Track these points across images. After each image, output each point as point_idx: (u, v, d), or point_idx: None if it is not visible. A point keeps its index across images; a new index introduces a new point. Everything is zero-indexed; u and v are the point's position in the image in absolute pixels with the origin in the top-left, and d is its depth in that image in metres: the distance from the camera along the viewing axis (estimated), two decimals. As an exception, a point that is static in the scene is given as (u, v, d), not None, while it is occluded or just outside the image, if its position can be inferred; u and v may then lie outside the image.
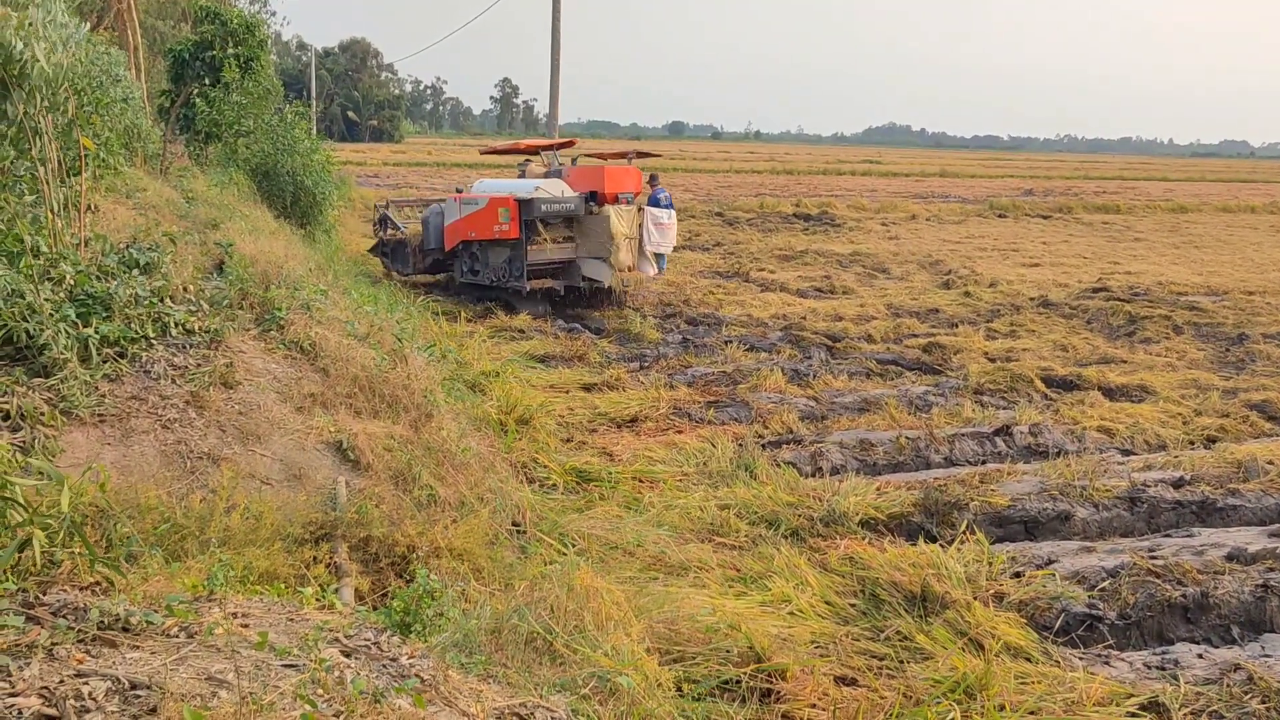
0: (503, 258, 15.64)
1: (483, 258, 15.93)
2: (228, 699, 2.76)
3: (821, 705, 4.84)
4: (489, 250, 15.78)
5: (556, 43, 21.45)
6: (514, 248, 15.44)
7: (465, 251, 16.24)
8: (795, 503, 7.62)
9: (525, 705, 3.35)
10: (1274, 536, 7.36)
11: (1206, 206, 45.26)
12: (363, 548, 5.33)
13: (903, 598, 6.12)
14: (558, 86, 21.67)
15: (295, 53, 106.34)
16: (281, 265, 8.56)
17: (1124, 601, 6.18)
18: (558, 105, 21.94)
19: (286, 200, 16.26)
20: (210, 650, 3.07)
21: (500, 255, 15.66)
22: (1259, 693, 5.12)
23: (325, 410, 6.42)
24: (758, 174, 62.78)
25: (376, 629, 3.57)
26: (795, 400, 10.91)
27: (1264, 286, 20.78)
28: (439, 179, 47.47)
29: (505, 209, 15.19)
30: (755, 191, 44.39)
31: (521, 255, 15.33)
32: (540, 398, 10.18)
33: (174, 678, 2.85)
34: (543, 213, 15.31)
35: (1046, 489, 8.16)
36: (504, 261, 15.64)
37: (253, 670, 2.94)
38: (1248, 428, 10.73)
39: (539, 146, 18.55)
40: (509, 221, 15.14)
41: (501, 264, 15.69)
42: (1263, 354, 14.41)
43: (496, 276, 15.75)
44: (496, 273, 15.74)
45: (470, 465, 6.85)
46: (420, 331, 10.66)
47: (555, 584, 4.87)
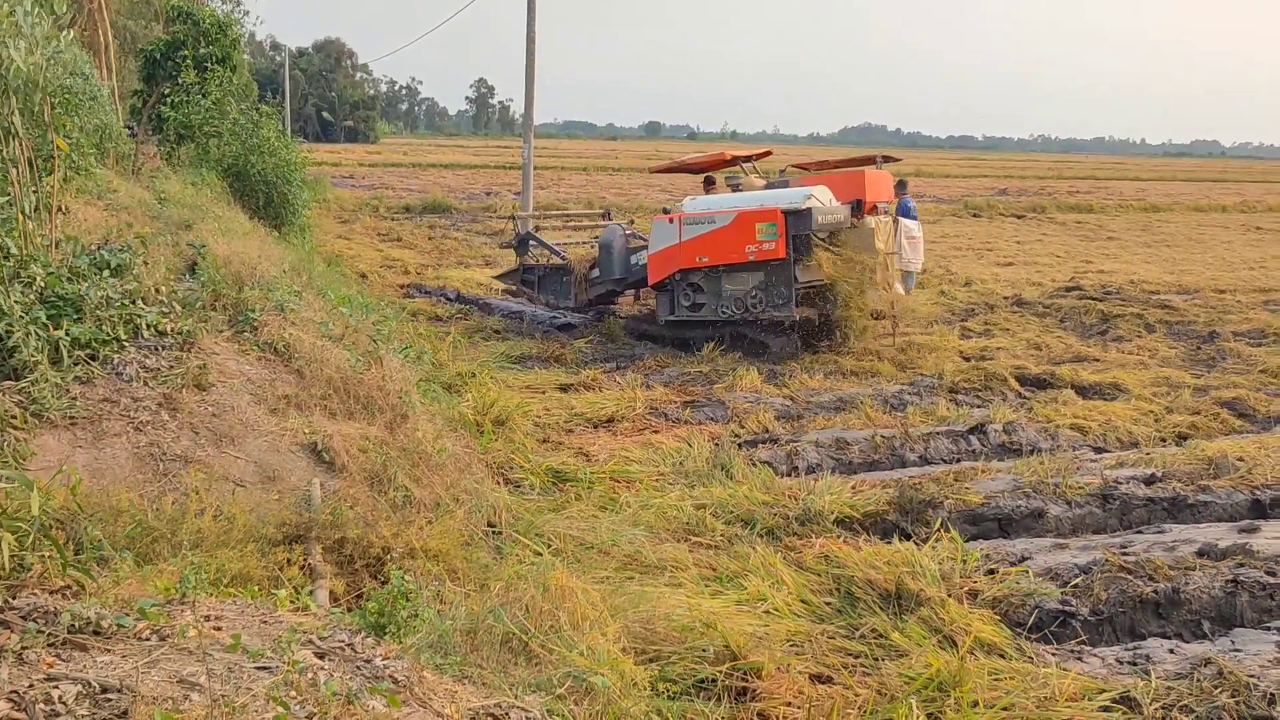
0: (750, 284, 12.93)
1: (711, 288, 13.21)
2: (199, 701, 2.74)
3: (797, 703, 4.86)
4: (725, 277, 13.10)
5: (531, 43, 21.43)
6: (772, 271, 12.77)
7: (682, 282, 13.40)
8: (771, 502, 7.64)
9: (500, 705, 3.34)
10: (1244, 532, 7.43)
11: (1178, 206, 45.68)
12: (337, 549, 5.31)
13: (878, 595, 6.14)
14: (533, 87, 21.64)
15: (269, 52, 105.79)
16: (255, 266, 8.51)
17: (1096, 598, 6.23)
18: (533, 106, 21.91)
19: (259, 201, 16.13)
20: (182, 653, 3.05)
21: (745, 281, 12.97)
22: (1229, 686, 5.17)
23: (300, 412, 6.39)
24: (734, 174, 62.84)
25: (351, 630, 3.56)
26: (771, 399, 10.93)
27: (1234, 285, 20.99)
28: (415, 180, 47.36)
29: (769, 224, 12.62)
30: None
31: (789, 279, 12.67)
32: (516, 398, 10.17)
33: (145, 681, 2.84)
34: (819, 225, 12.69)
35: (1020, 487, 8.22)
36: (755, 288, 12.90)
37: (225, 673, 2.93)
38: (1218, 425, 10.84)
39: (738, 157, 16.07)
40: (775, 239, 12.54)
41: (750, 292, 12.94)
42: (1233, 352, 14.55)
43: (738, 308, 13.02)
44: (739, 304, 13.01)
45: (446, 466, 6.83)
46: (396, 332, 10.62)
47: (531, 584, 4.87)
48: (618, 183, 50.29)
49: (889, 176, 14.40)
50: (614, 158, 76.76)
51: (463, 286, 18.44)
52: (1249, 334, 15.84)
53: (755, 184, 14.75)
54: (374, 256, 21.62)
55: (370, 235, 25.93)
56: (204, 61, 18.15)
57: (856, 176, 13.86)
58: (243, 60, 21.86)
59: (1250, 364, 13.79)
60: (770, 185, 14.38)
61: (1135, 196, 50.19)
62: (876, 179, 13.96)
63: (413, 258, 21.98)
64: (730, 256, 12.94)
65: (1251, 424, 11.04)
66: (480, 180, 48.83)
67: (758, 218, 12.72)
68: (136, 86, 20.19)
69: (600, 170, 60.76)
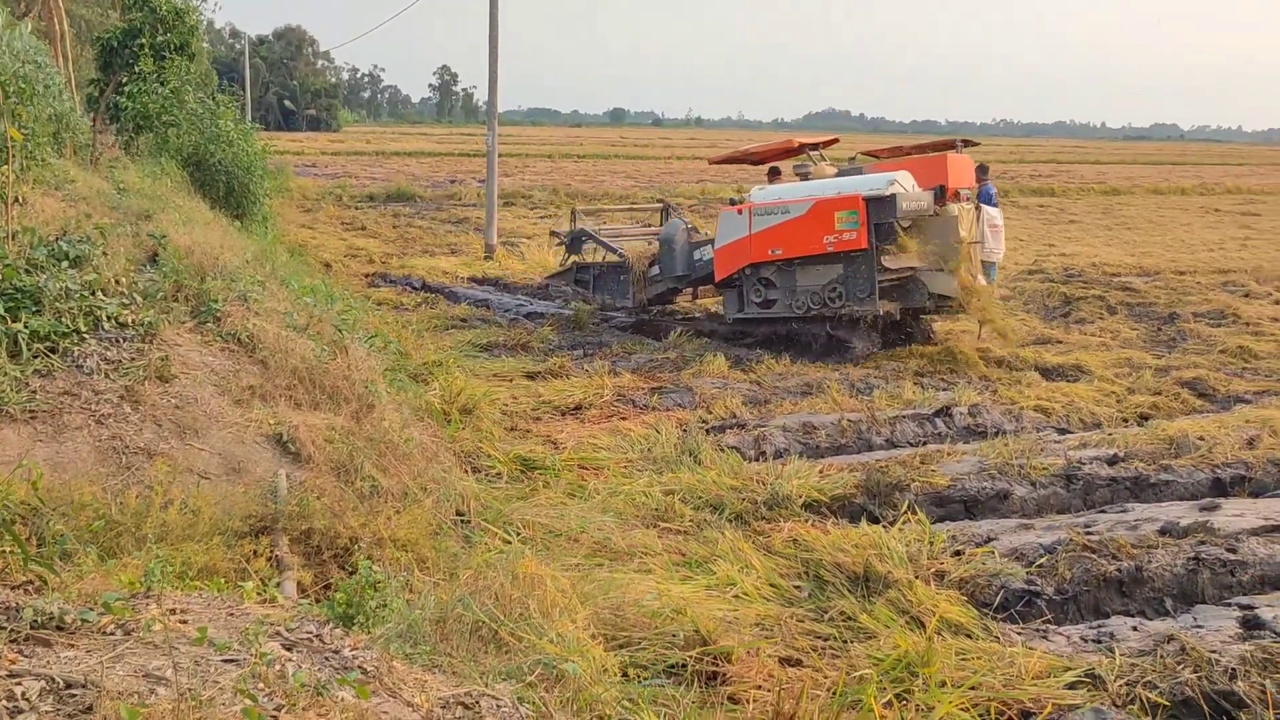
0: (828, 277, 12.22)
1: (784, 283, 12.55)
2: (166, 696, 2.72)
3: (767, 686, 4.88)
4: (799, 271, 12.42)
5: (495, 29, 21.29)
6: (852, 262, 12.03)
7: (752, 277, 12.76)
8: (739, 487, 7.66)
9: (470, 694, 3.34)
10: (1205, 510, 7.54)
11: (1138, 189, 46.15)
12: (304, 540, 5.27)
13: (846, 578, 6.18)
14: (496, 74, 21.51)
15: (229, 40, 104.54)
16: (217, 256, 8.41)
17: (1061, 577, 6.30)
18: (497, 93, 21.77)
19: (220, 191, 15.94)
20: (148, 647, 3.03)
21: (821, 275, 12.27)
22: (1191, 662, 5.25)
23: (264, 402, 6.33)
24: (699, 160, 62.81)
25: (319, 622, 3.54)
26: (738, 385, 10.96)
27: (1194, 266, 21.25)
28: (378, 168, 47.04)
29: (849, 211, 11.86)
30: (697, 178, 44.47)
31: (871, 270, 11.93)
32: (484, 387, 10.14)
33: (110, 676, 2.81)
34: (903, 212, 11.91)
35: (985, 468, 8.29)
36: (833, 281, 12.18)
37: (191, 666, 2.90)
38: (1179, 405, 10.99)
39: (804, 145, 15.05)
40: (856, 227, 11.81)
41: (827, 286, 12.22)
42: (1193, 332, 14.75)
43: (814, 303, 12.33)
44: (816, 298, 12.31)
45: (413, 455, 6.80)
46: (361, 322, 10.55)
47: (500, 572, 4.86)
48: (583, 170, 50.20)
49: (970, 161, 13.69)
50: (579, 145, 76.52)
51: (428, 275, 18.36)
52: (1208, 315, 16.05)
53: (826, 172, 13.94)
54: (338, 246, 21.48)
55: (334, 224, 25.75)
56: (161, 50, 17.89)
57: (939, 161, 13.08)
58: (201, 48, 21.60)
59: (1210, 344, 13.98)
60: (842, 173, 13.61)
61: (1096, 180, 50.66)
62: (959, 164, 13.20)
63: (377, 247, 21.85)
64: (806, 248, 12.19)
65: (1211, 403, 11.20)
66: (444, 168, 48.57)
67: (837, 205, 11.97)
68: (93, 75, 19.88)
69: (565, 157, 60.60)
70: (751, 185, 13.93)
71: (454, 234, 24.70)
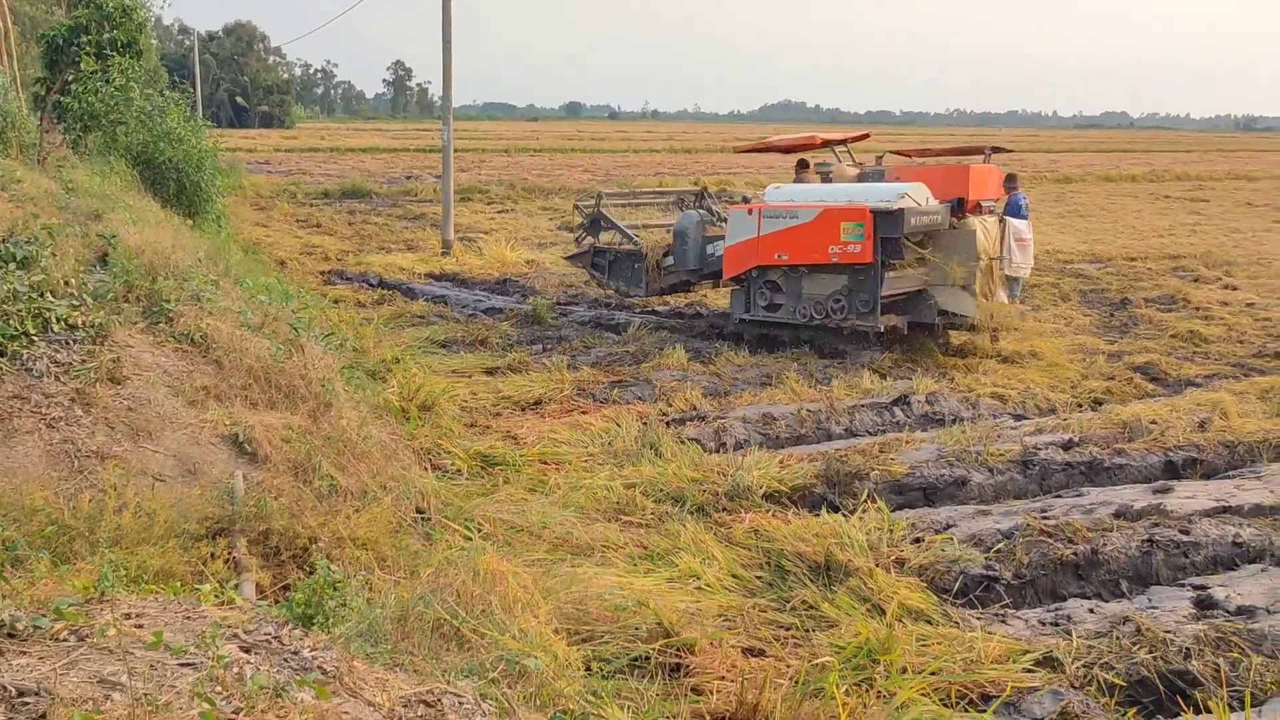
0: (832, 288, 11.82)
1: (790, 288, 12.14)
2: (121, 701, 2.68)
3: (730, 677, 4.90)
4: (805, 279, 12.01)
5: (448, 23, 21.16)
6: (856, 275, 11.64)
7: (759, 280, 12.36)
8: (700, 479, 7.68)
9: (432, 692, 3.32)
10: (1158, 493, 7.65)
11: (1090, 177, 46.74)
12: (263, 541, 5.22)
13: (807, 568, 6.22)
14: (450, 68, 21.38)
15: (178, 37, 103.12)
16: (169, 256, 8.29)
17: (1019, 562, 6.37)
18: (451, 87, 21.64)
19: (171, 189, 15.71)
20: (102, 653, 2.98)
21: (827, 285, 11.87)
22: (1146, 643, 5.33)
23: (219, 403, 6.26)
24: (656, 153, 62.99)
25: (277, 623, 3.50)
26: (697, 377, 10.98)
27: (1145, 252, 21.56)
28: (333, 165, 46.64)
29: (855, 223, 11.38)
30: (654, 171, 44.56)
31: (873, 285, 11.53)
32: (442, 383, 10.09)
33: (64, 683, 2.77)
34: (910, 227, 11.39)
35: (943, 456, 8.36)
36: (837, 293, 11.79)
37: (147, 671, 2.87)
38: (1132, 389, 11.15)
39: (830, 140, 14.54)
40: (861, 240, 11.33)
41: (830, 297, 11.83)
42: (1145, 318, 14.97)
43: (817, 313, 11.95)
44: (819, 308, 11.93)
45: (372, 453, 6.75)
46: (317, 320, 10.45)
47: (461, 569, 4.84)
48: (540, 164, 50.05)
49: (997, 171, 13.04)
50: (535, 139, 76.31)
51: (385, 272, 18.23)
52: (1159, 300, 16.30)
53: (847, 173, 13.56)
54: (293, 243, 21.28)
55: (288, 222, 25.50)
56: (108, 47, 17.59)
57: (960, 172, 12.46)
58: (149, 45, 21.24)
59: (1161, 329, 14.20)
60: (863, 175, 13.24)
61: (1049, 168, 51.19)
62: (982, 174, 12.55)
63: (333, 244, 21.67)
64: (812, 256, 11.77)
65: (1163, 387, 11.38)
66: (400, 164, 48.26)
67: (844, 216, 11.48)
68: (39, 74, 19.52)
69: (522, 151, 60.39)
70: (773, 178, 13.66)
71: (411, 230, 24.53)
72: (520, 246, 21.33)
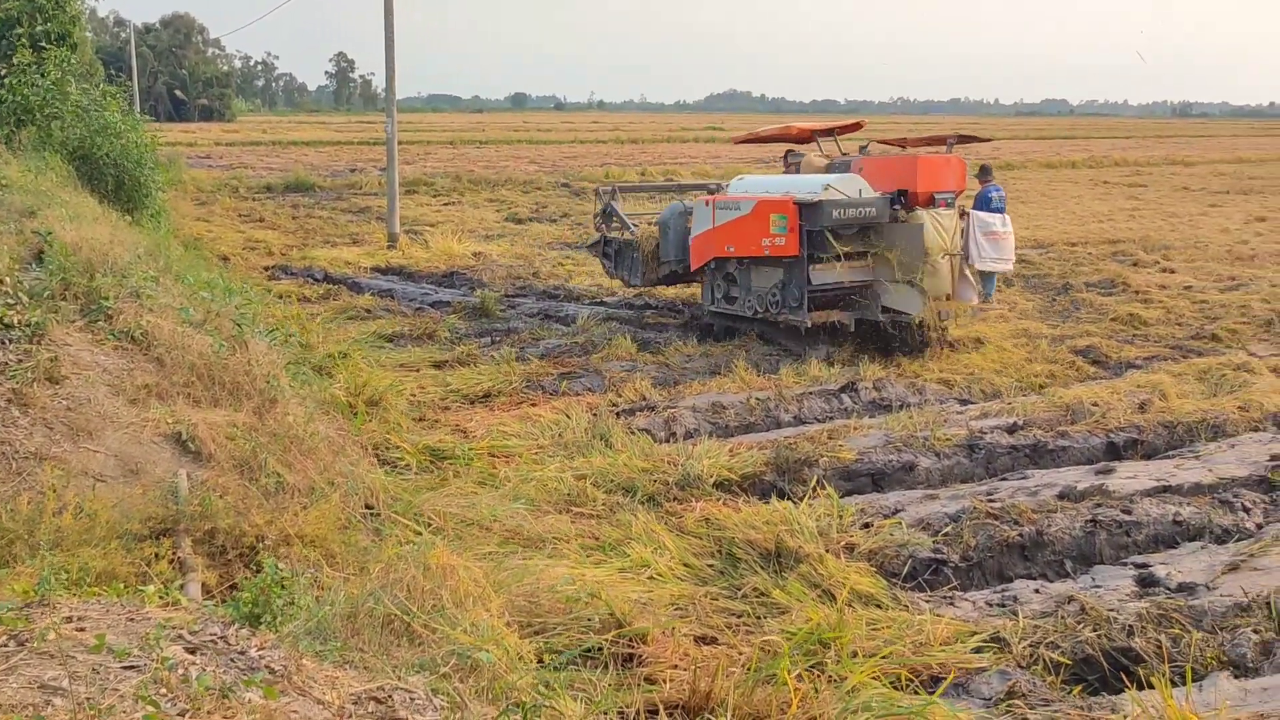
0: (771, 281, 11.63)
1: (742, 280, 11.99)
2: (63, 706, 2.63)
3: (683, 665, 4.92)
4: (752, 271, 11.85)
5: (390, 14, 20.95)
6: (789, 268, 11.41)
7: (718, 272, 12.27)
8: (650, 468, 7.69)
9: (383, 688, 3.30)
10: (1100, 474, 7.79)
11: (1031, 163, 47.33)
12: (208, 540, 5.15)
13: (758, 555, 6.26)
14: (393, 60, 21.17)
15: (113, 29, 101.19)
16: (107, 252, 8.14)
17: (966, 544, 6.46)
18: (395, 79, 21.43)
19: (109, 185, 15.41)
20: (43, 657, 2.92)
21: (768, 278, 11.68)
22: (1090, 621, 5.43)
23: (161, 401, 6.16)
24: (602, 144, 62.86)
25: (223, 623, 3.46)
26: (647, 367, 11.00)
27: (1085, 238, 21.88)
28: (275, 158, 46.06)
29: (780, 215, 11.18)
30: (600, 162, 44.44)
31: (801, 279, 11.26)
32: (390, 378, 10.01)
33: (3, 689, 2.71)
34: (834, 220, 11.04)
35: (891, 441, 8.45)
36: (774, 286, 11.59)
37: (89, 675, 2.81)
38: (1074, 372, 11.33)
39: (816, 130, 14.13)
40: (786, 233, 11.14)
41: (770, 290, 11.64)
42: (1086, 302, 15.21)
43: (761, 306, 11.73)
44: (762, 301, 11.72)
45: (319, 449, 6.68)
46: (261, 315, 10.32)
47: (411, 564, 4.81)
48: (486, 155, 49.76)
49: (959, 163, 12.07)
50: (481, 130, 75.80)
51: (330, 266, 18.04)
52: (1100, 284, 16.56)
53: (816, 163, 13.09)
54: (235, 238, 20.97)
55: (231, 216, 25.13)
56: (41, 40, 17.22)
57: (907, 163, 11.88)
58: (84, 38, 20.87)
59: (1102, 313, 14.43)
60: (831, 166, 12.69)
61: (990, 155, 51.67)
62: (935, 166, 11.83)
63: (277, 238, 21.39)
64: (751, 249, 11.54)
65: (1104, 370, 11.57)
66: (344, 157, 47.74)
67: (772, 208, 11.28)
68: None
69: (467, 143, 59.99)
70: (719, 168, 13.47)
71: (356, 223, 24.29)
72: (467, 239, 21.20)
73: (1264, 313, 14.12)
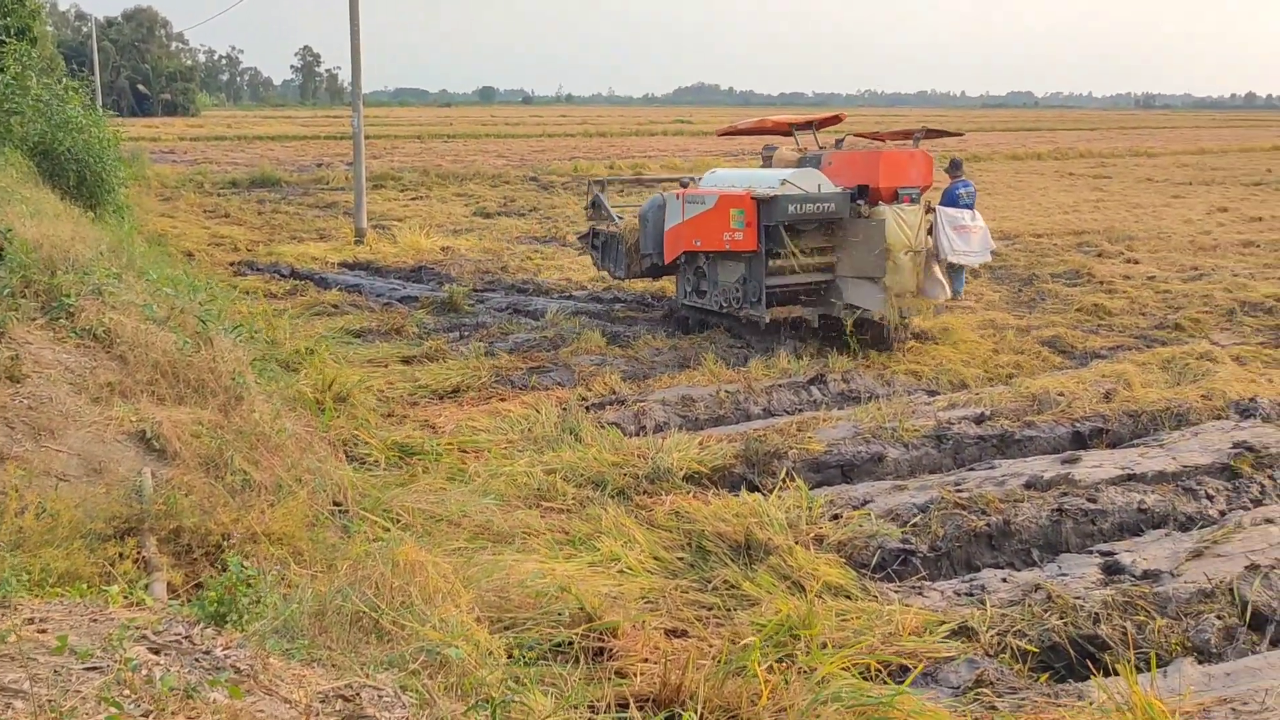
0: (735, 276, 11.68)
1: (710, 274, 12.00)
2: (23, 709, 2.60)
3: (653, 658, 4.92)
4: (719, 265, 11.87)
5: (355, 7, 20.80)
6: (750, 263, 11.48)
7: (689, 265, 12.33)
8: (620, 462, 7.69)
9: (351, 686, 3.28)
10: (1066, 463, 7.85)
11: (997, 155, 47.61)
12: (174, 539, 5.09)
13: (728, 547, 6.27)
14: (359, 53, 21.02)
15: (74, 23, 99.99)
16: (69, 249, 8.04)
17: (934, 534, 6.49)
18: (360, 73, 21.27)
19: (71, 181, 15.23)
20: (3, 659, 2.88)
21: (732, 272, 11.72)
22: (1057, 609, 5.48)
23: (125, 399, 6.10)
24: (570, 137, 62.74)
25: (188, 622, 3.42)
26: (616, 361, 10.98)
27: (1050, 229, 22.04)
28: (240, 153, 45.66)
29: (739, 210, 11.22)
30: (569, 155, 44.33)
31: (759, 275, 11.36)
32: (358, 373, 9.95)
33: (-38, 693, 2.67)
34: (790, 215, 11.09)
35: (860, 433, 8.49)
36: (736, 281, 11.65)
37: (51, 677, 2.78)
38: (1040, 363, 11.42)
39: (794, 123, 14.03)
40: (744, 228, 11.18)
41: (734, 284, 11.69)
42: (1051, 292, 15.34)
43: (726, 301, 11.80)
44: (727, 296, 11.78)
45: (286, 446, 6.63)
46: (227, 312, 10.23)
47: (379, 561, 4.78)
48: (454, 150, 49.54)
49: (925, 157, 11.93)
50: (449, 124, 75.49)
51: (297, 262, 17.90)
52: (1065, 275, 16.70)
53: (788, 157, 12.98)
54: (200, 234, 20.77)
55: (195, 212, 24.89)
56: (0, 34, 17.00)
57: (870, 158, 11.75)
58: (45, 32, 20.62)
59: (1067, 304, 14.56)
60: (803, 160, 12.54)
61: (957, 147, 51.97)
62: (898, 161, 11.68)
63: (242, 234, 21.20)
64: (715, 243, 11.59)
65: (1070, 360, 11.67)
66: (310, 151, 47.38)
67: (733, 203, 11.32)
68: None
69: (435, 138, 59.70)
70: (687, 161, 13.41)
71: (323, 219, 24.11)
72: (435, 233, 21.10)
73: (1226, 302, 14.30)
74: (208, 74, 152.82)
